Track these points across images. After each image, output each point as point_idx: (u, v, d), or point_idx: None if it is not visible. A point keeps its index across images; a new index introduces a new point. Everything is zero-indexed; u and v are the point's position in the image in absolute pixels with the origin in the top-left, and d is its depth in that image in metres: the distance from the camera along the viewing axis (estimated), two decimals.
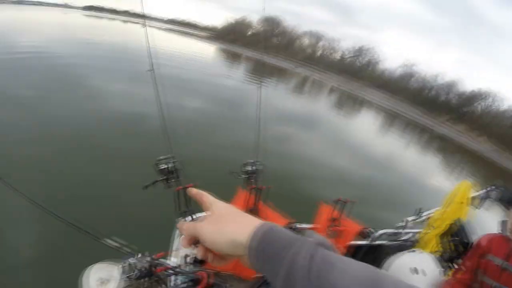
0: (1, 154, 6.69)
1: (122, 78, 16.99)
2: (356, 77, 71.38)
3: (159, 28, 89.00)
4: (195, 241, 0.76)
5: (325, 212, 2.91)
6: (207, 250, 0.75)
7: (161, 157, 2.39)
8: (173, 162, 2.43)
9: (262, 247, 0.63)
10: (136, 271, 1.80)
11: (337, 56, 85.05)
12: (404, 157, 18.12)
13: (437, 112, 55.66)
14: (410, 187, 12.10)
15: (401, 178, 12.90)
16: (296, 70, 59.77)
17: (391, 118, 34.82)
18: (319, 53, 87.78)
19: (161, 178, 2.39)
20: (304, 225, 2.94)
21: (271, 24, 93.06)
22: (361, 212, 7.53)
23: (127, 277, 1.79)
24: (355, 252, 3.26)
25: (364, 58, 79.33)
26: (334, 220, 2.89)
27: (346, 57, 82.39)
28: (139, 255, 1.85)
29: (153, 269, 1.83)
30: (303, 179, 9.22)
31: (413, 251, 2.58)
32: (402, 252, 2.60)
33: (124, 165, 7.66)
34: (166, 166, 2.37)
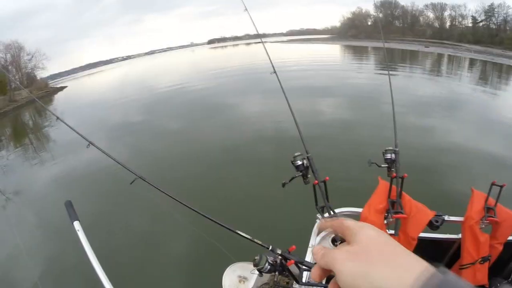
0: (160, 169, 7.88)
1: (252, 95, 17.93)
2: (494, 42, 63.84)
3: (281, 42, 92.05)
4: (328, 275, 0.59)
5: (478, 200, 2.52)
6: None
7: (296, 154, 2.49)
8: (308, 158, 2.53)
9: None
10: (267, 264, 1.77)
11: (468, 22, 76.89)
12: None
13: None
14: None
15: None
16: (427, 49, 55.99)
17: None
18: (447, 24, 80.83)
19: (298, 175, 2.49)
20: (453, 218, 2.63)
21: (389, 8, 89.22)
22: None
23: (258, 270, 1.78)
24: None
25: (498, 17, 70.19)
26: (489, 210, 2.49)
27: (478, 21, 73.99)
28: (270, 247, 1.86)
29: (284, 262, 1.80)
30: (447, 165, 8.58)
31: None
32: None
33: (264, 169, 8.25)
34: (301, 163, 2.46)
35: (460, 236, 2.62)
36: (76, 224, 2.06)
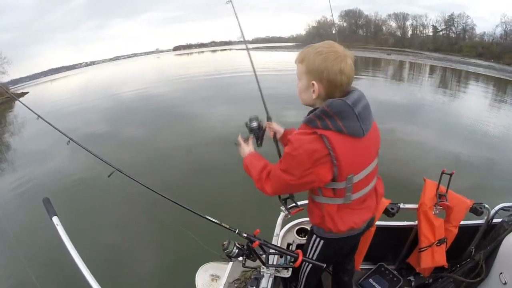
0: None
1: (216, 101, 17.99)
2: (453, 50, 66.63)
3: (246, 49, 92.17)
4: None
5: (430, 188, 2.71)
6: None
7: (252, 116, 2.37)
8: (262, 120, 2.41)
9: None
10: (235, 248, 1.89)
11: (429, 31, 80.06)
12: None
13: None
14: None
15: None
16: (390, 57, 57.75)
17: (502, 87, 31.64)
18: (409, 33, 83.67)
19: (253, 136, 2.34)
20: (408, 205, 2.80)
21: (353, 17, 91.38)
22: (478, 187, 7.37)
23: (227, 254, 1.89)
24: (472, 234, 2.93)
25: (457, 27, 73.38)
26: (441, 196, 2.67)
27: (438, 30, 77.05)
28: (237, 231, 1.94)
29: (250, 244, 1.90)
30: (402, 160, 9.03)
31: None
32: None
33: (229, 169, 8.49)
34: (257, 124, 2.34)
35: (416, 222, 2.80)
36: (55, 219, 2.10)
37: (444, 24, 76.25)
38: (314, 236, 1.99)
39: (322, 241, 1.96)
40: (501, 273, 2.25)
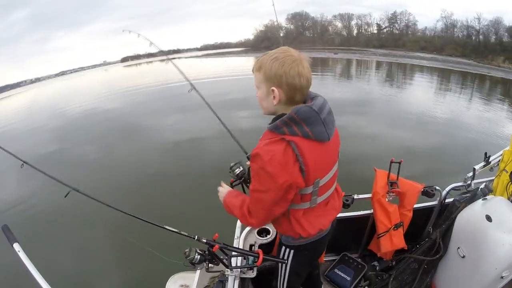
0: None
1: (169, 112, 17.62)
2: (398, 45, 69.31)
3: (196, 57, 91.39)
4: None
5: (381, 177, 2.85)
6: None
7: (232, 164, 2.33)
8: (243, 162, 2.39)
9: None
10: (196, 254, 1.90)
11: (373, 29, 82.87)
12: (469, 111, 17.09)
13: (490, 55, 52.58)
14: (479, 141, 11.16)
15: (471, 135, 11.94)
16: (337, 56, 59.06)
17: (446, 76, 33.18)
18: (354, 32, 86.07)
19: (238, 182, 2.32)
20: (362, 195, 2.90)
21: (300, 20, 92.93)
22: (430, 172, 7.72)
23: (189, 261, 1.90)
24: (428, 215, 3.14)
25: (400, 24, 76.44)
26: (392, 184, 2.81)
27: (382, 28, 79.91)
28: (196, 237, 1.95)
29: (211, 249, 1.92)
30: (354, 154, 9.04)
31: (485, 199, 2.41)
32: (473, 203, 2.45)
33: (186, 181, 8.52)
34: (243, 169, 2.31)
35: (372, 211, 2.92)
36: (16, 246, 2.06)
37: (388, 22, 79.33)
38: (283, 247, 1.97)
39: (292, 251, 1.95)
40: (458, 247, 2.35)
